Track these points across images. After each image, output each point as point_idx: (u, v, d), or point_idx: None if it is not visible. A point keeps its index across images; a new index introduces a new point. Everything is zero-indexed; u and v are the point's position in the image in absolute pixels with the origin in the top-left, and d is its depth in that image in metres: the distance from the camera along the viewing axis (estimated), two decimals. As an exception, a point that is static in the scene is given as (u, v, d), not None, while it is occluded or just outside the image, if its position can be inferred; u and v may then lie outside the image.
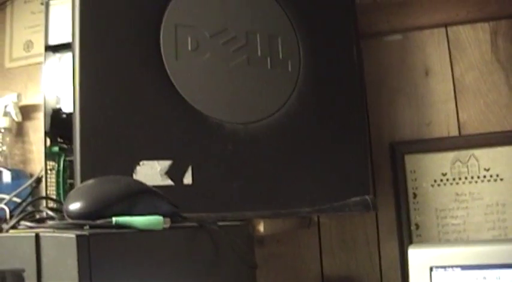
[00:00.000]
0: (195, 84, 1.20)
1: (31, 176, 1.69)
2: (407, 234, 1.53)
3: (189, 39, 1.21)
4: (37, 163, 1.76)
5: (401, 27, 1.59)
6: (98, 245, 0.75)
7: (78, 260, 0.72)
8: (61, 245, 0.73)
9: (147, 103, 1.16)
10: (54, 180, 1.37)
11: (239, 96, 1.24)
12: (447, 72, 1.57)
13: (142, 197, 0.90)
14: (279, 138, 1.26)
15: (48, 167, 1.37)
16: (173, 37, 1.19)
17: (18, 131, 1.80)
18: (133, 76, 1.16)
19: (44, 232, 0.75)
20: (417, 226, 1.54)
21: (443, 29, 1.58)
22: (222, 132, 1.21)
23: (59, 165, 1.35)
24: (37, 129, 1.76)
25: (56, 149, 1.34)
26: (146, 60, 1.17)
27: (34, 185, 1.58)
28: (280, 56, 1.29)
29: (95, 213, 0.83)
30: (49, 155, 1.36)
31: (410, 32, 1.60)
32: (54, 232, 0.76)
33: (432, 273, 1.20)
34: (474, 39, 1.56)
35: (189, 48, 1.21)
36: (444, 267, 1.19)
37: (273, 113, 1.26)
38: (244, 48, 1.26)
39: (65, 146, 1.32)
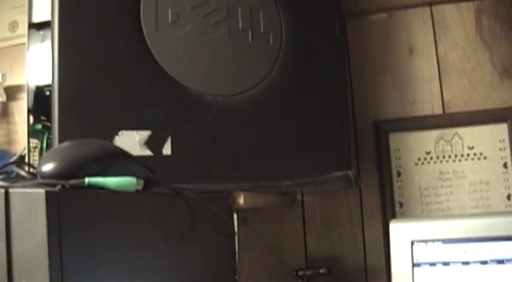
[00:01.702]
0: (175, 56, 1.21)
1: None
2: (391, 212, 1.53)
3: (170, 11, 1.21)
4: (22, 143, 1.74)
5: (386, 6, 1.59)
6: (68, 203, 0.75)
7: (47, 216, 0.72)
8: (30, 201, 0.73)
9: (127, 74, 1.16)
10: (37, 158, 1.37)
11: (219, 69, 1.24)
12: (431, 51, 1.56)
13: (116, 159, 0.90)
14: (259, 111, 1.26)
15: (31, 145, 1.36)
16: (153, 9, 1.19)
17: (3, 112, 1.79)
18: (113, 47, 1.17)
19: (14, 188, 0.75)
20: (401, 204, 1.54)
21: (427, 8, 1.57)
22: (202, 104, 1.21)
23: (42, 143, 1.35)
24: (22, 110, 1.74)
25: (39, 126, 1.34)
26: (126, 31, 1.18)
27: (17, 162, 1.57)
28: (262, 29, 1.29)
29: (67, 173, 0.83)
30: (32, 133, 1.36)
31: (395, 11, 1.59)
32: (24, 188, 0.75)
33: (413, 247, 1.20)
34: (458, 18, 1.55)
35: (170, 20, 1.21)
36: (425, 241, 1.19)
37: (253, 86, 1.26)
38: (225, 21, 1.26)
39: (48, 123, 1.32)
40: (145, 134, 1.14)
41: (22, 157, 1.51)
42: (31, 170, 1.07)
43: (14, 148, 1.77)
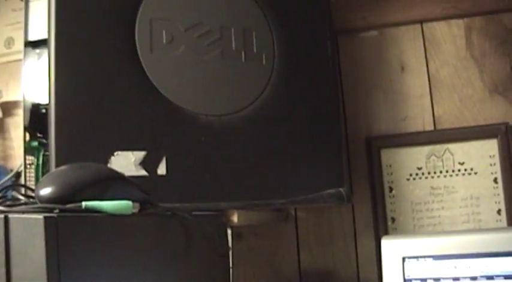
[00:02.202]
0: (170, 77, 1.22)
1: (12, 172, 1.70)
2: (383, 227, 1.55)
3: (164, 33, 1.22)
4: (18, 159, 1.76)
5: (377, 23, 1.61)
6: (66, 227, 0.77)
7: (46, 241, 0.73)
8: (29, 226, 0.74)
9: (122, 95, 1.17)
10: (33, 174, 1.38)
11: (213, 89, 1.26)
12: (422, 67, 1.58)
13: (113, 183, 0.91)
14: (253, 130, 1.28)
15: (27, 162, 1.37)
16: (148, 30, 1.21)
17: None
18: (108, 69, 1.18)
19: (14, 214, 0.76)
20: (393, 220, 1.56)
21: (418, 26, 1.59)
22: (196, 124, 1.22)
23: (38, 160, 1.36)
24: (18, 126, 1.75)
25: (35, 143, 1.35)
26: (121, 53, 1.19)
27: (13, 179, 1.59)
28: (255, 49, 1.30)
29: (65, 197, 0.84)
30: (28, 150, 1.37)
31: (386, 28, 1.61)
32: (23, 214, 0.77)
33: (405, 263, 1.21)
34: (449, 35, 1.57)
35: (164, 41, 1.22)
36: (416, 257, 1.21)
37: (247, 105, 1.28)
38: (219, 41, 1.27)
39: (44, 140, 1.33)
40: (140, 154, 1.15)
41: (18, 174, 1.52)
42: (27, 192, 1.09)
43: (10, 164, 1.78)
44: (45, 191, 0.85)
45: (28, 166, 1.39)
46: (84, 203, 0.84)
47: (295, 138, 1.33)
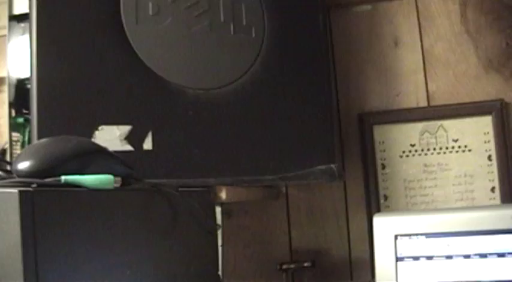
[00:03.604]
0: (156, 49, 1.19)
1: (-3, 150, 1.67)
2: (375, 205, 1.53)
3: (150, 4, 1.19)
4: (4, 137, 1.73)
5: (371, -3, 1.58)
6: (43, 202, 0.74)
7: (21, 217, 0.70)
8: (3, 201, 0.71)
9: (107, 68, 1.15)
10: (19, 151, 1.35)
11: (201, 62, 1.23)
12: (416, 43, 1.56)
13: (94, 157, 0.88)
14: (241, 104, 1.25)
15: (13, 139, 1.35)
16: (134, 1, 1.18)
17: (-16, 105, 1.77)
18: (92, 41, 1.15)
19: (-12, 188, 0.74)
20: (385, 197, 1.54)
21: (412, 0, 1.56)
22: (183, 98, 1.20)
23: (23, 137, 1.34)
24: (3, 103, 1.72)
25: (20, 120, 1.32)
26: (106, 24, 1.16)
27: (-1, 157, 1.56)
28: (244, 22, 1.28)
29: (43, 171, 0.81)
30: (14, 126, 1.34)
31: (380, 2, 1.58)
32: (-2, 188, 0.74)
33: (397, 241, 1.19)
34: (443, 10, 1.54)
35: (150, 12, 1.19)
36: (409, 235, 1.19)
37: (235, 79, 1.25)
38: (207, 13, 1.24)
39: (29, 117, 1.30)
40: (125, 128, 1.13)
41: (4, 151, 1.49)
42: (8, 167, 1.06)
43: (-5, 141, 1.75)
44: (23, 165, 0.82)
45: (14, 143, 1.36)
46: (63, 177, 0.81)
47: (285, 113, 1.30)
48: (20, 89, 1.32)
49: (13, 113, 1.35)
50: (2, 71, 1.73)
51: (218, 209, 1.23)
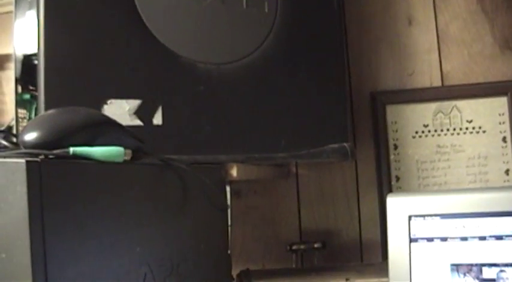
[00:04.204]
0: (167, 23, 1.17)
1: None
2: (387, 186, 1.50)
3: (161, -24, 1.17)
4: (10, 114, 1.71)
5: (385, -26, 1.55)
6: (51, 174, 0.71)
7: (28, 188, 0.68)
8: (10, 171, 0.68)
9: (116, 41, 1.13)
10: (25, 128, 1.33)
11: (213, 36, 1.21)
12: (431, 21, 1.53)
13: (103, 128, 0.86)
14: (253, 80, 1.23)
15: (19, 115, 1.33)
16: (144, -27, 1.15)
17: (-9, 82, 1.75)
18: (102, 13, 1.13)
19: (-6, 158, 0.71)
20: (397, 178, 1.51)
21: (427, -22, 1.54)
22: (194, 73, 1.17)
23: (30, 113, 1.32)
24: (10, 80, 1.71)
25: (27, 96, 1.30)
26: (116, -4, 1.14)
27: (5, 133, 1.54)
28: (257, -5, 1.25)
29: (51, 143, 0.79)
30: (20, 103, 1.32)
31: (394, -21, 1.56)
32: (4, 158, 0.71)
33: (411, 222, 1.17)
34: (459, -13, 1.52)
35: (161, -16, 1.17)
36: (423, 215, 1.16)
37: (247, 54, 1.22)
38: (219, -14, 1.22)
39: (36, 93, 1.28)
40: (135, 103, 1.10)
41: (10, 128, 1.48)
42: (15, 140, 1.04)
43: (3, 119, 1.73)
44: (30, 136, 0.80)
45: (20, 120, 1.34)
46: (71, 149, 0.78)
47: (297, 90, 1.27)
48: (27, 65, 1.29)
49: (19, 90, 1.32)
50: (9, 48, 1.71)
51: (227, 189, 1.20)
